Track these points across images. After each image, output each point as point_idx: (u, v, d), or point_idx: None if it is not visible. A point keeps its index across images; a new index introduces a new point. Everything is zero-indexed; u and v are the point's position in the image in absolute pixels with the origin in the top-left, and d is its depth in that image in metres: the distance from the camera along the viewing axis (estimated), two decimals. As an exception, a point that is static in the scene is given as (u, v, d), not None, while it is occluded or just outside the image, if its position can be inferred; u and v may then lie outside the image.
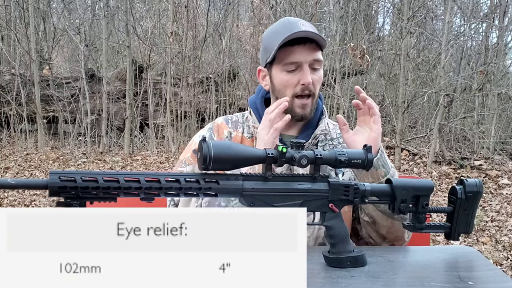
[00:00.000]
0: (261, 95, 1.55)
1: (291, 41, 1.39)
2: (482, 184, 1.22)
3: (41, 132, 8.08)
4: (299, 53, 1.40)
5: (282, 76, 1.44)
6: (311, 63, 1.42)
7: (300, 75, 1.41)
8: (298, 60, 1.41)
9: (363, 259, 1.14)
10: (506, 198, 5.36)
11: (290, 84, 1.42)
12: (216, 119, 1.62)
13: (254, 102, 1.55)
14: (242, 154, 1.05)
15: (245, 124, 1.55)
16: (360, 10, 8.28)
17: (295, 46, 1.40)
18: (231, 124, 1.55)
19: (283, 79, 1.44)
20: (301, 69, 1.41)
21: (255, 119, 1.52)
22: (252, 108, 1.54)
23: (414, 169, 6.51)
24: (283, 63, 1.42)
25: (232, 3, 8.71)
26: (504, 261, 3.73)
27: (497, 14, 7.95)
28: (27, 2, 8.16)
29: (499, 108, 7.58)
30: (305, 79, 1.40)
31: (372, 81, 8.43)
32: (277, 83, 1.46)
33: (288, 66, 1.42)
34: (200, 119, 8.44)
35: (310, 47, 1.41)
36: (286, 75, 1.43)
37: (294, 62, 1.41)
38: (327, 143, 1.52)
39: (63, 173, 0.94)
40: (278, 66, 1.44)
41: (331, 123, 1.59)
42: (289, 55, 1.41)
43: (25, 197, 5.34)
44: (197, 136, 1.58)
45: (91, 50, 9.14)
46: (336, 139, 1.54)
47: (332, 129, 1.56)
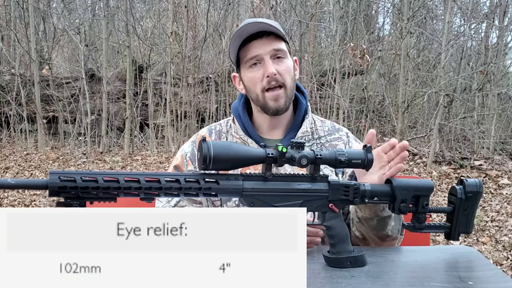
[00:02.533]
0: (243, 101, 1.54)
1: (248, 39, 1.41)
2: (482, 184, 1.22)
3: (41, 132, 8.07)
4: (256, 47, 1.42)
5: (248, 74, 1.45)
6: (272, 53, 1.42)
7: (263, 68, 1.42)
8: (256, 54, 1.42)
9: (363, 259, 1.13)
10: (506, 198, 5.36)
11: (256, 79, 1.43)
12: (200, 130, 1.62)
13: (236, 108, 1.55)
14: (242, 154, 1.05)
15: (229, 133, 1.54)
16: (360, 10, 8.28)
17: (252, 42, 1.42)
18: (215, 134, 1.55)
19: (249, 77, 1.45)
20: (263, 62, 1.42)
21: (237, 127, 1.51)
22: (235, 115, 1.54)
23: (414, 169, 6.51)
24: (245, 61, 1.44)
25: (232, 3, 8.71)
26: (504, 261, 3.73)
27: (497, 14, 7.95)
28: (27, 2, 8.16)
29: (499, 108, 7.58)
30: (267, 70, 1.40)
31: (372, 81, 8.43)
32: (246, 83, 1.47)
33: (249, 62, 1.43)
34: (200, 119, 8.44)
35: (267, 39, 1.42)
36: (250, 72, 1.44)
37: (253, 57, 1.42)
38: (314, 143, 1.51)
39: (63, 173, 0.94)
40: (243, 67, 1.46)
41: (319, 120, 1.57)
42: (247, 52, 1.43)
43: (25, 197, 5.34)
44: (180, 150, 1.58)
45: (91, 50, 9.13)
46: (323, 137, 1.52)
47: (319, 126, 1.55)
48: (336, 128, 1.57)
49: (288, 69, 1.44)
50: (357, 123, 7.88)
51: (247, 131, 1.50)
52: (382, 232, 1.35)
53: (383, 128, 8.46)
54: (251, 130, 1.50)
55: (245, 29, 1.41)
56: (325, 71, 7.95)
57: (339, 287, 1.01)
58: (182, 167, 1.53)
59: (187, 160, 1.53)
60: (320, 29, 9.71)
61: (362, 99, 8.28)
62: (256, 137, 1.49)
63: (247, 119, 1.51)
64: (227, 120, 1.59)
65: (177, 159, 1.55)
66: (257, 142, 1.47)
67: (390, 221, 1.33)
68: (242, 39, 1.42)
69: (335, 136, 1.54)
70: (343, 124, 7.25)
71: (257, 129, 1.52)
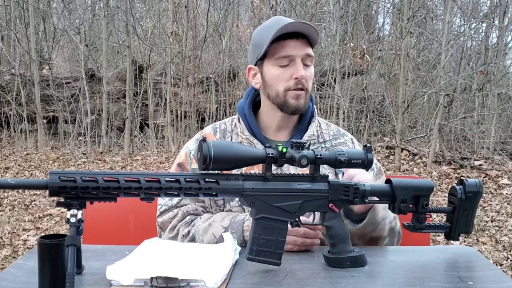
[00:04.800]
0: (250, 100, 1.51)
1: (283, 35, 1.38)
2: (482, 184, 1.22)
3: (41, 132, 8.07)
4: (291, 46, 1.39)
5: (274, 70, 1.41)
6: (303, 57, 1.40)
7: (293, 69, 1.39)
8: (291, 54, 1.39)
9: (363, 259, 1.14)
10: (506, 198, 5.36)
11: (283, 78, 1.40)
12: (205, 128, 1.60)
13: (242, 108, 1.51)
14: (242, 154, 1.05)
15: (234, 132, 1.52)
16: (360, 10, 8.28)
17: (287, 40, 1.39)
18: (219, 133, 1.53)
19: (275, 74, 1.41)
20: (294, 63, 1.39)
21: (243, 127, 1.48)
22: (240, 114, 1.51)
23: (414, 169, 6.51)
24: (276, 57, 1.40)
25: (232, 3, 8.70)
26: (504, 261, 3.73)
27: (497, 14, 7.94)
28: (27, 2, 8.16)
29: (499, 108, 7.57)
30: (298, 72, 1.38)
31: (372, 81, 8.42)
32: (269, 78, 1.43)
33: (281, 60, 1.40)
34: (200, 119, 8.44)
35: (302, 41, 1.40)
36: (278, 69, 1.40)
37: (287, 56, 1.39)
38: (319, 146, 1.50)
39: (63, 173, 0.94)
40: (270, 61, 1.42)
41: (324, 123, 1.57)
42: (282, 49, 1.39)
43: (25, 197, 5.34)
44: (184, 148, 1.56)
45: (91, 50, 9.13)
46: (329, 141, 1.51)
47: (325, 130, 1.54)
48: (341, 132, 1.56)
49: (312, 75, 1.44)
50: (357, 123, 7.87)
51: (253, 132, 1.48)
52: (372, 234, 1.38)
53: (383, 128, 8.46)
54: (256, 130, 1.48)
55: (290, 25, 1.36)
56: (325, 71, 7.94)
57: (339, 287, 1.01)
58: (186, 164, 1.51)
59: (191, 158, 1.51)
60: (320, 29, 9.70)
61: (362, 99, 8.27)
62: (261, 138, 1.47)
63: (253, 119, 1.48)
64: (231, 119, 1.56)
65: (181, 156, 1.53)
66: (262, 143, 1.45)
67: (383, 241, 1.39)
68: (281, 33, 1.37)
69: (340, 141, 1.53)
70: (343, 124, 7.26)
71: (263, 130, 1.50)
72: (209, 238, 1.34)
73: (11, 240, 4.17)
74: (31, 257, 1.09)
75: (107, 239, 1.53)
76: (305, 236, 1.25)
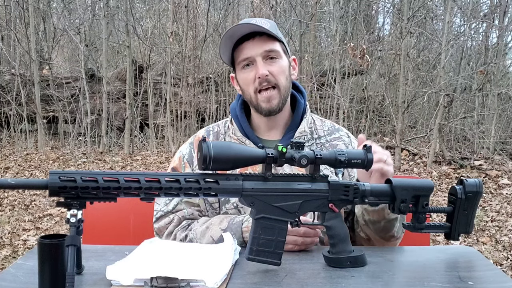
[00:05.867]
0: (241, 101, 1.54)
1: (240, 40, 1.41)
2: (482, 184, 1.22)
3: (41, 132, 8.07)
4: (248, 48, 1.42)
5: (241, 75, 1.45)
6: (264, 54, 1.42)
7: (255, 70, 1.42)
8: (248, 55, 1.42)
9: (363, 259, 1.13)
10: (506, 198, 5.36)
11: (249, 80, 1.43)
12: (198, 132, 1.61)
13: (234, 109, 1.54)
14: (242, 154, 1.05)
15: (227, 134, 1.53)
16: (360, 10, 8.27)
17: (244, 43, 1.42)
18: (213, 135, 1.54)
19: (242, 78, 1.45)
20: (255, 63, 1.42)
21: (235, 128, 1.50)
22: (233, 115, 1.54)
23: (414, 169, 6.51)
24: (238, 63, 1.45)
25: (232, 3, 8.70)
26: (504, 261, 3.73)
27: (497, 14, 7.94)
28: (27, 2, 8.16)
29: (499, 108, 7.57)
30: (258, 71, 1.40)
31: (372, 81, 8.42)
32: (242, 84, 1.47)
33: (242, 63, 1.44)
34: (200, 119, 8.44)
35: (260, 40, 1.41)
36: (244, 73, 1.45)
37: (245, 58, 1.42)
38: (314, 143, 1.50)
39: (63, 173, 0.94)
40: (238, 68, 1.47)
41: (319, 119, 1.56)
42: (240, 53, 1.43)
43: (25, 197, 5.34)
44: (178, 152, 1.57)
45: (91, 50, 9.14)
46: (323, 137, 1.51)
47: (319, 126, 1.54)
48: (336, 128, 1.56)
49: (281, 69, 1.43)
50: (357, 123, 7.87)
51: (245, 132, 1.49)
52: (388, 234, 1.36)
53: (383, 128, 8.46)
54: (248, 131, 1.49)
55: (236, 30, 1.40)
56: (325, 71, 7.95)
57: (339, 287, 1.01)
58: (179, 169, 1.52)
59: (184, 162, 1.52)
60: (320, 29, 9.71)
61: (362, 99, 8.27)
62: (253, 138, 1.48)
63: (244, 120, 1.50)
64: (225, 121, 1.58)
65: (175, 161, 1.54)
66: (255, 143, 1.46)
67: (396, 222, 1.35)
68: (234, 41, 1.42)
69: (335, 136, 1.53)
70: (343, 124, 7.26)
71: (255, 130, 1.52)
72: (207, 241, 1.35)
73: (11, 240, 4.17)
74: (31, 257, 1.09)
75: (107, 239, 1.53)
76: (305, 236, 1.25)
